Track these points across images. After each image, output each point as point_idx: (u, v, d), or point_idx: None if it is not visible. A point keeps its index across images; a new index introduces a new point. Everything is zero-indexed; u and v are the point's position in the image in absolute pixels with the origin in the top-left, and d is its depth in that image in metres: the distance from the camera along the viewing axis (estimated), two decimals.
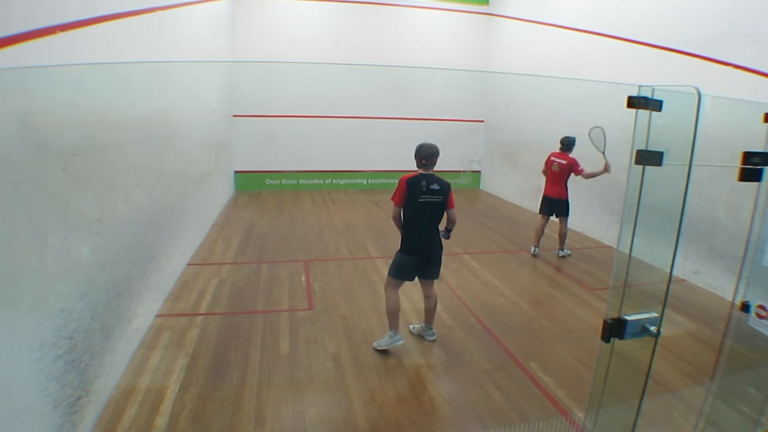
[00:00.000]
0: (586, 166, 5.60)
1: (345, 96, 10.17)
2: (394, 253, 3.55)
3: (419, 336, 3.72)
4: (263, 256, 5.72)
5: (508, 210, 8.95)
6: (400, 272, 3.51)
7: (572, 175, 5.70)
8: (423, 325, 3.73)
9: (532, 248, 6.02)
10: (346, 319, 3.97)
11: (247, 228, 6.98)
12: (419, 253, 3.47)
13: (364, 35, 10.03)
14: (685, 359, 3.43)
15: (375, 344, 3.51)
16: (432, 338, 3.68)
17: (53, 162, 2.27)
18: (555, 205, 5.90)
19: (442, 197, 3.38)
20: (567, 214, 5.91)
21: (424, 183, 3.34)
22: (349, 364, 3.31)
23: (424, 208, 3.38)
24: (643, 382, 1.63)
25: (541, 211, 6.04)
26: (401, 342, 3.48)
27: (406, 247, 3.48)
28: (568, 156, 5.72)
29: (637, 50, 6.06)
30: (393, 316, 3.47)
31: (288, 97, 9.86)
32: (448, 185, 3.43)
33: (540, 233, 5.99)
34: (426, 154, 3.36)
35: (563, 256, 5.96)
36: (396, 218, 3.45)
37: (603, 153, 5.22)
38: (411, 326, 3.84)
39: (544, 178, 5.96)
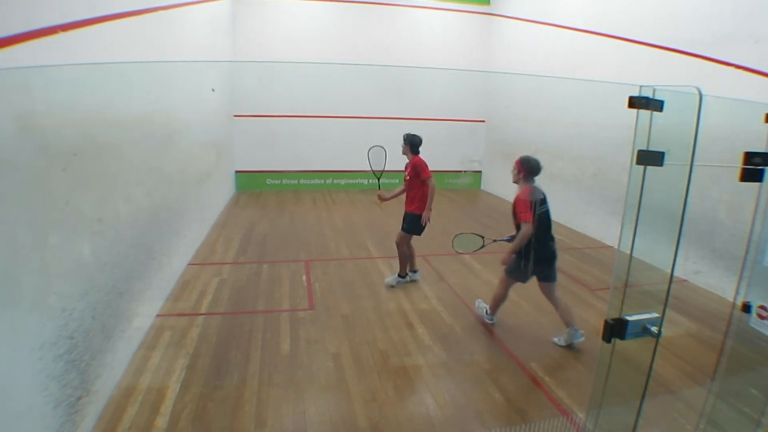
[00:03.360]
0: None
1: (345, 96, 10.17)
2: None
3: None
4: (264, 256, 5.72)
5: (509, 210, 8.84)
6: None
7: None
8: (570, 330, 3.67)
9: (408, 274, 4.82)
10: (347, 319, 3.97)
11: (247, 228, 6.98)
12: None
13: (364, 35, 10.03)
14: (686, 360, 3.42)
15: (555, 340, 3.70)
16: None
17: (54, 162, 2.28)
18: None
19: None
20: (405, 230, 4.61)
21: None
22: (350, 364, 3.31)
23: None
24: (643, 383, 1.63)
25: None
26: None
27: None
28: (415, 157, 4.57)
29: (638, 50, 6.05)
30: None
31: (288, 97, 9.86)
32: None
33: (406, 255, 4.76)
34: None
35: (389, 284, 4.73)
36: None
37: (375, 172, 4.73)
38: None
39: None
